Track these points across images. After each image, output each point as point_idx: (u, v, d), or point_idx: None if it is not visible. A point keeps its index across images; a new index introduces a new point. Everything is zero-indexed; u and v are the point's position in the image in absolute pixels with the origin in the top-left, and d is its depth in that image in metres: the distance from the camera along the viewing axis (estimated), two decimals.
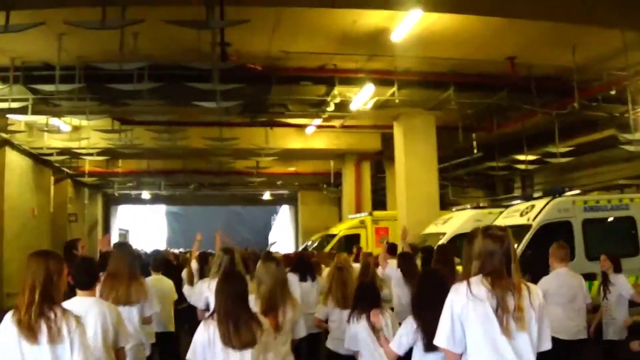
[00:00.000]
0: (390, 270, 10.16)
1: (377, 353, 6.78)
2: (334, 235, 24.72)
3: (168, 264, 12.98)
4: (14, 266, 24.53)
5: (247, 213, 66.67)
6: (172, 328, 10.05)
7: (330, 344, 8.63)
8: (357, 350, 7.20)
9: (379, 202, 30.57)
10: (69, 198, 34.78)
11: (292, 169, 35.03)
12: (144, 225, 62.20)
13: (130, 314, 7.02)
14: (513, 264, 4.47)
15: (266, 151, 25.80)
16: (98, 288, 6.41)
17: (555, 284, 8.57)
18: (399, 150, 21.14)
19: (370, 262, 10.74)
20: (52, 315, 4.48)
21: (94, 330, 5.49)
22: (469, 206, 19.12)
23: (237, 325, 5.25)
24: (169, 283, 10.18)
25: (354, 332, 7.15)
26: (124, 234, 52.75)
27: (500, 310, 4.34)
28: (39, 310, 4.45)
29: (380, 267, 10.52)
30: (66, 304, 4.94)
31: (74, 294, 5.71)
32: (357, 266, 10.68)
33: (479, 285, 4.44)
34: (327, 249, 23.35)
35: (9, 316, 4.55)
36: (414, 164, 20.51)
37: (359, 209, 28.52)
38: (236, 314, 5.31)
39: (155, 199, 48.31)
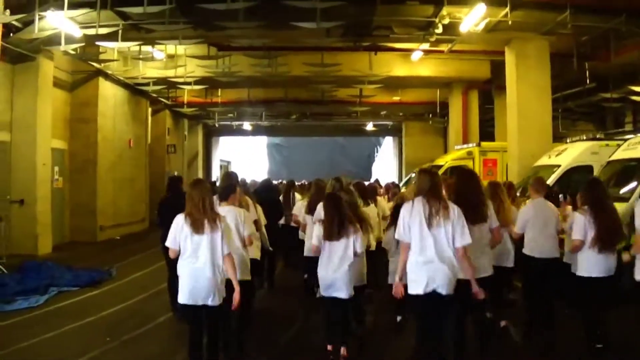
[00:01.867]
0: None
1: None
2: (439, 167, 23.24)
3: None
4: (108, 198, 24.21)
5: (350, 144, 65.74)
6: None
7: None
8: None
9: (487, 133, 29.11)
10: (168, 129, 34.40)
11: (396, 98, 33.35)
12: (245, 156, 61.67)
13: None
14: (439, 190, 7.38)
15: (369, 78, 24.66)
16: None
17: (532, 212, 9.93)
18: (511, 77, 19.84)
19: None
20: (210, 216, 7.45)
21: (233, 224, 8.35)
22: (584, 137, 17.49)
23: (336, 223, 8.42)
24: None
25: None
26: (225, 166, 52.30)
27: (429, 215, 7.21)
28: (203, 212, 7.42)
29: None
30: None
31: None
32: None
33: (419, 202, 7.34)
34: None
35: (181, 217, 7.52)
36: (527, 92, 19.24)
37: (466, 140, 27.13)
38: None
39: (256, 130, 47.26)
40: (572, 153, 16.41)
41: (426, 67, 25.81)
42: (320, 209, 9.62)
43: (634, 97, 23.16)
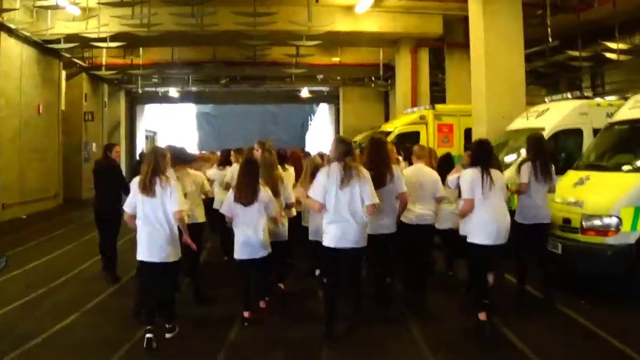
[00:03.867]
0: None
1: None
2: (388, 133, 20.88)
3: None
4: (12, 172, 21.47)
5: (283, 113, 64.93)
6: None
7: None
8: None
9: (436, 99, 26.31)
10: (85, 95, 31.43)
11: (335, 59, 31.12)
12: (173, 126, 58.90)
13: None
14: (350, 156, 8.21)
15: (308, 32, 22.08)
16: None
17: (414, 178, 10.16)
18: (476, 27, 17.54)
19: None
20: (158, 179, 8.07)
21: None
22: (569, 95, 15.23)
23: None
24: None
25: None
26: (151, 137, 49.97)
27: (341, 178, 8.05)
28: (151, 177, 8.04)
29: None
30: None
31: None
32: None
33: (335, 167, 8.17)
34: None
35: (135, 181, 8.23)
36: (496, 44, 17.10)
37: (414, 104, 24.87)
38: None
39: (184, 97, 44.35)
40: (556, 114, 14.25)
41: (372, 22, 23.89)
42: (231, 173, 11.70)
43: (610, 55, 20.77)
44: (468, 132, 19.34)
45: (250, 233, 8.75)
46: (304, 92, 41.92)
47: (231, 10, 20.32)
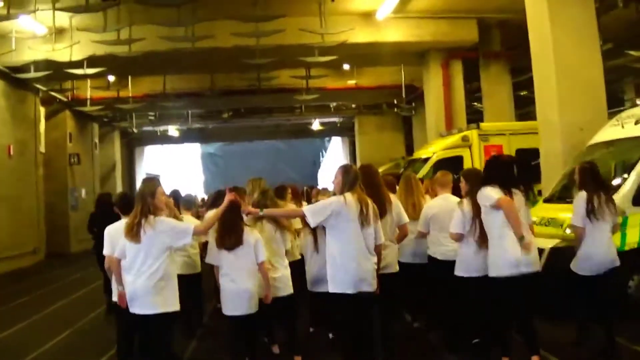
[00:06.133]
0: None
1: None
2: (425, 160, 17.94)
3: None
4: None
5: (292, 150, 62.19)
6: None
7: None
8: None
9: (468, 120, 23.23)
10: (70, 134, 28.24)
11: (351, 82, 27.89)
12: (177, 169, 57.14)
13: None
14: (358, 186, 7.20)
15: (322, 44, 18.64)
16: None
17: (443, 209, 9.08)
18: (539, 17, 14.02)
19: None
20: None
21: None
22: None
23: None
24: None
25: None
26: None
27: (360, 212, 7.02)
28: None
29: None
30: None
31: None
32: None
33: (349, 197, 7.07)
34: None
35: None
36: (565, 38, 13.53)
37: (450, 126, 21.49)
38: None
39: (185, 136, 41.80)
40: None
41: (395, 30, 20.68)
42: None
43: None
44: (520, 154, 16.43)
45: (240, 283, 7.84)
46: (315, 125, 39.84)
47: (230, 30, 17.67)
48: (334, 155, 52.93)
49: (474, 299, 8.06)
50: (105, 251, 7.89)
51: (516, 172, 7.93)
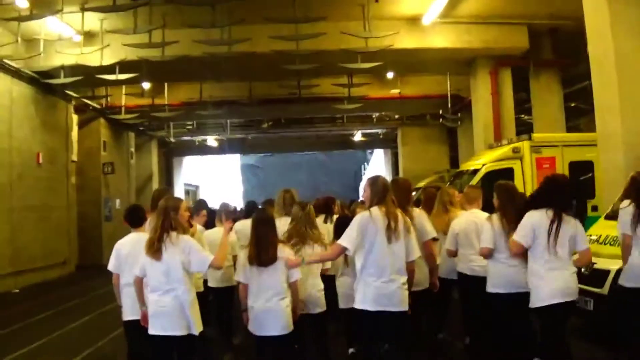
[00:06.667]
0: None
1: None
2: (475, 172, 17.10)
3: None
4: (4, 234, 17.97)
5: (333, 162, 63.82)
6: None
7: None
8: None
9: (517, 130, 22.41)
10: (104, 143, 27.54)
11: (395, 92, 27.26)
12: (216, 180, 57.11)
13: None
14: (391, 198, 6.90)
15: (365, 48, 17.69)
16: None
17: (471, 226, 9.12)
18: (598, 18, 12.91)
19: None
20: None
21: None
22: None
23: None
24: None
25: None
26: (193, 191, 48.17)
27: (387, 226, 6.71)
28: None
29: None
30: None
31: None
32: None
33: (375, 211, 6.79)
34: None
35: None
36: (627, 41, 12.42)
37: (499, 137, 20.45)
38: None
39: (224, 147, 41.31)
40: None
41: (442, 36, 19.79)
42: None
43: None
44: (574, 167, 15.97)
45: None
46: (357, 136, 39.46)
47: (269, 30, 16.84)
48: (376, 168, 51.69)
49: (504, 313, 7.89)
50: (110, 266, 7.67)
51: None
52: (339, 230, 7.97)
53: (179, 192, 42.52)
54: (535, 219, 7.17)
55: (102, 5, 15.51)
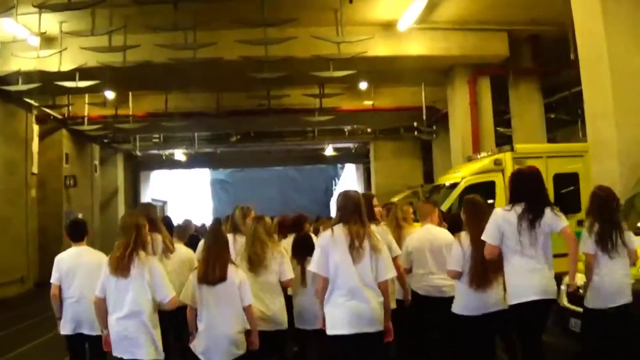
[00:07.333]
0: None
1: None
2: (452, 186, 16.43)
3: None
4: None
5: (304, 177, 62.31)
6: None
7: None
8: None
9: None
10: (66, 155, 27.03)
11: (368, 103, 26.72)
12: (184, 195, 57.15)
13: None
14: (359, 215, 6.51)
15: (338, 55, 17.01)
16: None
17: (425, 243, 9.15)
18: (590, 15, 12.32)
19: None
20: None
21: None
22: None
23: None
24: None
25: None
26: (160, 206, 46.41)
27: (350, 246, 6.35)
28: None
29: None
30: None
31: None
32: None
33: (337, 230, 6.48)
34: (445, 207, 15.33)
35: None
36: (622, 41, 11.87)
37: (477, 149, 19.90)
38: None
39: (192, 161, 40.78)
40: None
41: (418, 42, 19.22)
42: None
43: None
44: (559, 179, 15.28)
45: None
46: (329, 150, 38.66)
47: (235, 34, 16.10)
48: (348, 183, 51.95)
49: (468, 337, 7.70)
50: (53, 279, 7.64)
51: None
52: (295, 250, 8.42)
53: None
54: (499, 216, 6.91)
55: (56, 3, 14.63)
